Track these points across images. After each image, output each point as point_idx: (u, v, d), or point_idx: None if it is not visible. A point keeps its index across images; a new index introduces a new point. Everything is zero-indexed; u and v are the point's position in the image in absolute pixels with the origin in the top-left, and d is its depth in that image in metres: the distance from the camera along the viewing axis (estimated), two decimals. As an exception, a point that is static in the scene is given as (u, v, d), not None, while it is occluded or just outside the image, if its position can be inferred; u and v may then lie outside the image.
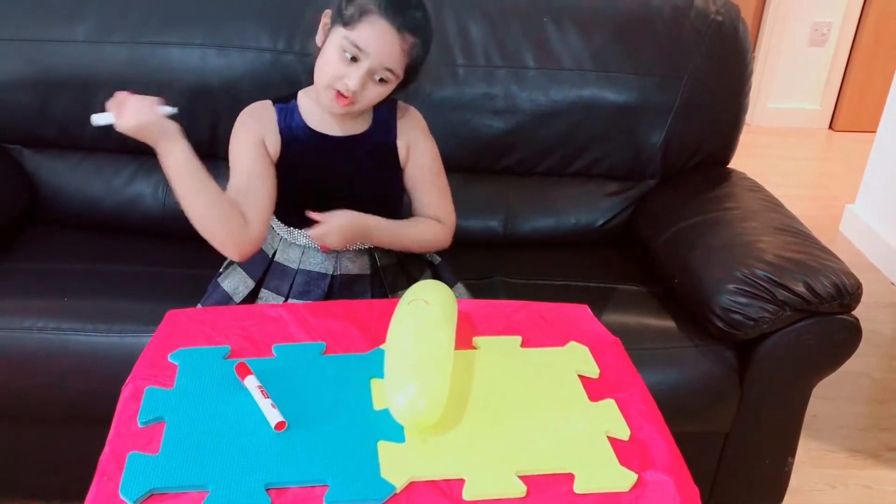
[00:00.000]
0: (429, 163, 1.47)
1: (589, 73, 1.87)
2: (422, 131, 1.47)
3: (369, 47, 1.25)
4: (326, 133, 1.40)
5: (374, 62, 1.26)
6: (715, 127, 1.96)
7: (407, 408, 1.01)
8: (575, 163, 1.94)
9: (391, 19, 1.25)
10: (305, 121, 1.40)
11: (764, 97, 4.13)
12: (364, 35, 1.25)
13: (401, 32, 1.26)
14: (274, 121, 1.39)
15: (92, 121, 1.23)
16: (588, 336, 1.26)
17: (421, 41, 1.29)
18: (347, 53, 1.26)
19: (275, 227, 1.47)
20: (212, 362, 1.14)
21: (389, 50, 1.26)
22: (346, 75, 1.27)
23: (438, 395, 1.04)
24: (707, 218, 1.74)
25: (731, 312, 1.51)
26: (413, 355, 1.08)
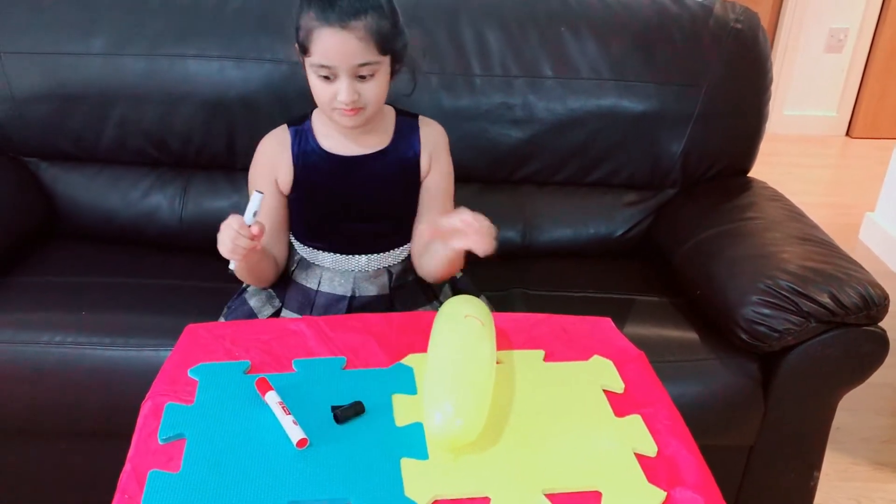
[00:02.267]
0: (447, 178, 1.46)
1: (607, 81, 1.85)
2: (444, 145, 1.45)
3: (332, 60, 1.23)
4: (342, 154, 1.38)
5: (347, 68, 1.24)
6: (735, 135, 1.93)
7: (443, 426, 0.98)
8: (593, 172, 1.92)
9: (331, 22, 1.21)
10: (320, 143, 1.38)
11: (780, 104, 4.10)
12: (320, 53, 1.23)
13: (347, 27, 1.21)
14: (288, 148, 1.38)
15: None
16: (612, 349, 1.24)
17: (373, 16, 1.22)
18: (322, 75, 1.25)
19: (294, 246, 1.46)
20: (232, 377, 1.13)
21: (350, 49, 1.22)
22: (335, 94, 1.26)
23: (477, 414, 1.02)
24: (729, 228, 1.72)
25: (755, 324, 1.49)
26: (455, 371, 1.05)
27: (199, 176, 1.89)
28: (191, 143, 1.84)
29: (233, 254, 1.23)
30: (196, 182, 1.89)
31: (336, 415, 1.05)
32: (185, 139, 1.84)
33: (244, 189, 1.88)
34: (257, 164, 1.42)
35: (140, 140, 1.84)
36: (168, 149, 1.85)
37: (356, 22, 1.21)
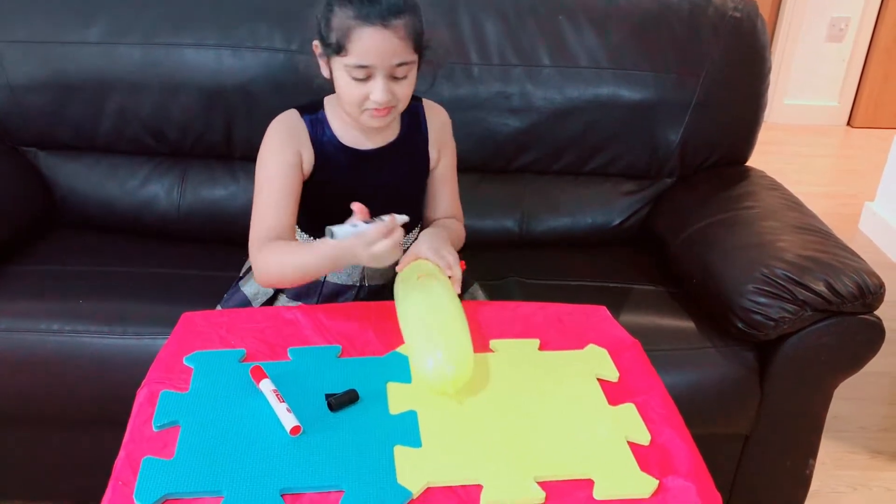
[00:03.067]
0: (452, 163, 1.47)
1: (605, 70, 1.85)
2: (449, 129, 1.45)
3: (370, 59, 1.20)
4: (357, 147, 1.36)
5: (385, 68, 1.21)
6: (733, 125, 1.93)
7: (437, 373, 1.06)
8: (591, 162, 1.92)
9: (373, 20, 1.17)
10: (336, 135, 1.35)
11: (781, 93, 4.09)
12: (359, 53, 1.19)
13: (388, 25, 1.18)
14: (307, 134, 1.34)
15: (330, 232, 1.18)
16: (607, 338, 1.25)
17: (411, 14, 1.20)
18: (358, 76, 1.22)
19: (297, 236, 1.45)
20: (227, 365, 1.14)
21: (390, 48, 1.20)
22: (368, 93, 1.22)
23: (465, 358, 1.09)
24: (726, 217, 1.71)
25: (751, 313, 1.49)
26: (432, 325, 1.13)
27: (197, 165, 1.89)
28: (188, 132, 1.84)
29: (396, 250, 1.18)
30: (194, 171, 1.89)
31: (330, 403, 1.05)
32: (183, 128, 1.84)
33: (242, 178, 1.88)
34: (278, 141, 1.33)
35: (138, 129, 1.84)
36: (166, 138, 1.85)
37: (397, 21, 1.18)
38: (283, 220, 1.30)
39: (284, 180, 1.31)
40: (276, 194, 1.31)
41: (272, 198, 1.31)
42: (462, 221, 1.49)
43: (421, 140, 1.41)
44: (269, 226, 1.29)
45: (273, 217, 1.29)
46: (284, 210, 1.30)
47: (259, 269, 1.29)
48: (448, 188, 1.47)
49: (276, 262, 1.26)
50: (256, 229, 1.30)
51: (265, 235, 1.28)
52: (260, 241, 1.28)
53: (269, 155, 1.33)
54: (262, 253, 1.28)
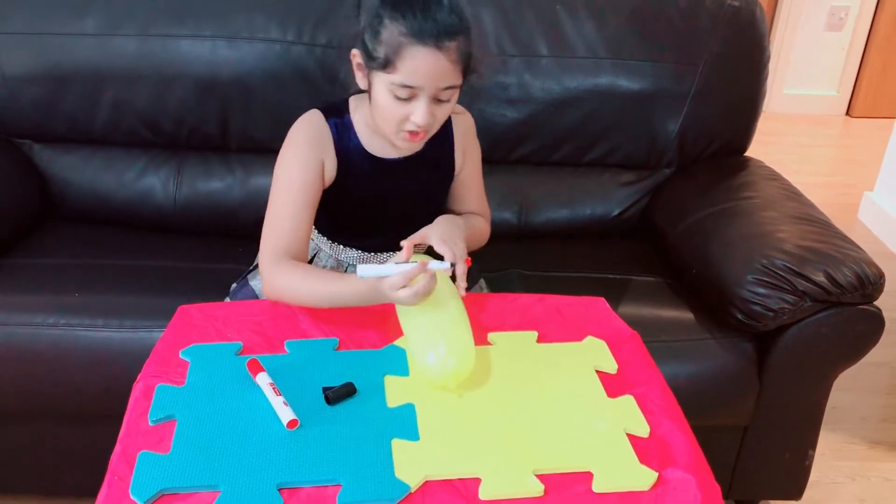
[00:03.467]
0: (478, 165, 1.44)
1: (603, 60, 1.84)
2: (474, 133, 1.42)
3: (418, 80, 1.14)
4: (383, 157, 1.31)
5: (431, 90, 1.15)
6: (732, 114, 1.92)
7: (438, 367, 1.06)
8: (590, 152, 1.91)
9: (427, 41, 1.11)
10: (362, 142, 1.30)
11: (779, 83, 4.07)
12: (408, 72, 1.13)
13: (442, 48, 1.12)
14: (331, 141, 1.28)
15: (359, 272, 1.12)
16: (606, 330, 1.24)
17: (463, 37, 1.15)
18: (402, 96, 1.16)
19: (312, 236, 1.41)
20: (223, 359, 1.13)
21: (441, 71, 1.14)
22: (409, 114, 1.17)
23: (467, 352, 1.08)
24: (725, 208, 1.71)
25: (750, 304, 1.48)
26: (433, 319, 1.12)
27: (193, 157, 1.88)
28: (184, 124, 1.83)
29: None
30: (190, 163, 1.87)
31: (327, 396, 1.05)
32: (179, 120, 1.82)
33: (238, 170, 1.87)
34: (301, 147, 1.27)
35: (133, 121, 1.82)
36: (161, 130, 1.84)
37: (451, 43, 1.13)
38: (300, 233, 1.26)
39: (305, 190, 1.26)
40: (295, 205, 1.26)
41: (291, 209, 1.26)
42: (489, 220, 1.46)
43: (447, 147, 1.36)
44: (286, 239, 1.24)
45: (290, 230, 1.25)
46: (302, 222, 1.26)
47: (271, 284, 1.24)
48: (474, 189, 1.44)
49: (295, 284, 1.21)
50: (272, 241, 1.25)
51: (283, 250, 1.24)
52: (276, 255, 1.23)
53: (293, 160, 1.27)
54: (279, 269, 1.23)
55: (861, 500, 1.84)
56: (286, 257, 1.23)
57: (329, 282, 1.22)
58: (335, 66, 1.82)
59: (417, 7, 1.12)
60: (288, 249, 1.24)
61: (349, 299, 1.19)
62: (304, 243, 1.28)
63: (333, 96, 1.78)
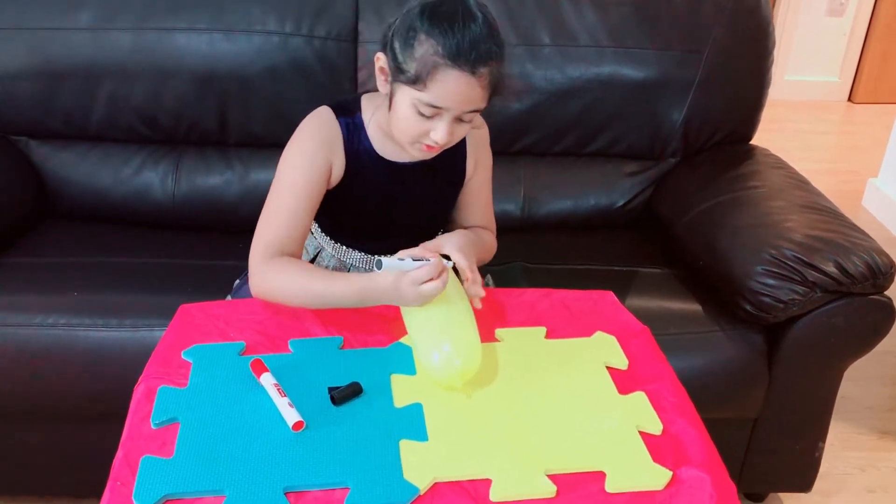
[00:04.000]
0: (488, 175, 1.40)
1: (606, 49, 1.81)
2: (487, 140, 1.38)
3: (447, 102, 1.11)
4: (393, 160, 1.27)
5: (457, 111, 1.13)
6: (737, 102, 1.90)
7: (443, 367, 1.03)
8: (593, 142, 1.89)
9: (462, 66, 1.07)
10: (373, 144, 1.26)
11: (781, 69, 4.04)
12: (438, 94, 1.09)
13: (476, 73, 1.08)
14: (341, 142, 1.24)
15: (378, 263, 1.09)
16: (615, 324, 1.22)
17: (498, 62, 1.11)
18: (427, 113, 1.13)
19: (315, 235, 1.39)
20: (226, 359, 1.11)
21: (472, 96, 1.11)
22: (430, 130, 1.14)
23: (473, 351, 1.06)
24: (731, 197, 1.68)
25: (759, 295, 1.46)
26: (437, 316, 1.10)
27: (191, 152, 1.85)
28: (182, 118, 1.81)
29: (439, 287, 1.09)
30: (188, 159, 1.85)
31: (333, 396, 1.03)
32: (176, 115, 1.80)
33: (237, 165, 1.85)
34: (309, 145, 1.23)
35: (130, 116, 1.80)
36: (159, 125, 1.81)
37: (484, 69, 1.09)
38: (297, 233, 1.22)
39: (308, 190, 1.22)
40: (295, 205, 1.22)
41: (291, 208, 1.21)
42: (495, 234, 1.42)
43: (459, 153, 1.32)
44: (280, 237, 1.20)
45: (286, 228, 1.21)
46: (300, 223, 1.22)
47: (259, 281, 1.19)
48: (482, 199, 1.39)
49: (286, 282, 1.17)
50: (267, 237, 1.20)
51: (276, 247, 1.19)
52: (268, 252, 1.19)
53: (299, 158, 1.23)
54: (270, 266, 1.18)
55: (871, 490, 1.83)
56: (279, 254, 1.20)
57: (324, 279, 1.18)
58: (335, 58, 1.80)
59: (458, 28, 1.07)
60: (282, 248, 1.20)
61: (345, 299, 1.15)
62: (299, 244, 1.24)
63: (332, 89, 1.80)
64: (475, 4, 1.11)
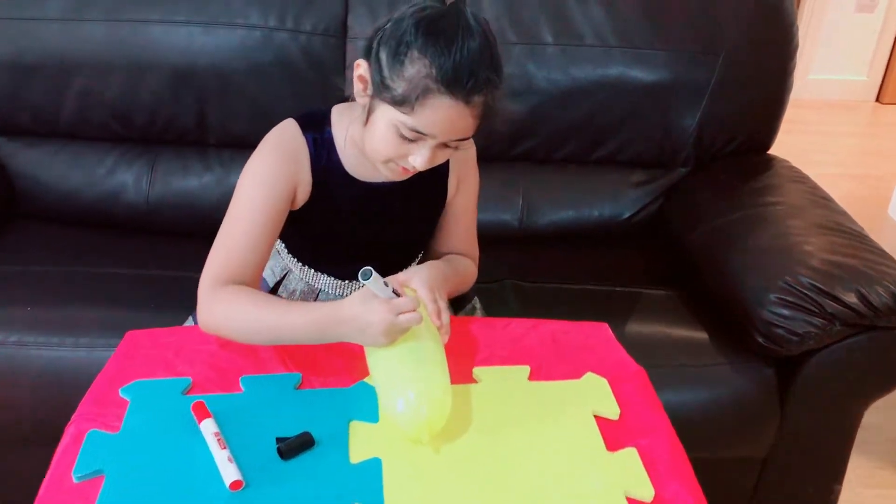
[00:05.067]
0: (473, 199, 1.27)
1: (614, 49, 1.69)
2: (473, 164, 1.25)
3: (434, 130, 0.99)
4: (366, 180, 1.14)
5: (443, 139, 1.01)
6: (755, 109, 1.77)
7: (408, 417, 0.92)
8: (598, 149, 1.77)
9: (456, 94, 0.96)
10: (343, 163, 1.13)
11: (805, 68, 3.87)
12: (425, 120, 0.98)
13: (470, 102, 0.97)
14: (307, 160, 1.11)
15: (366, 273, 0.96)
16: (608, 363, 1.09)
17: (493, 89, 0.99)
18: (409, 137, 1.01)
19: (282, 255, 1.27)
20: (168, 398, 0.99)
21: (462, 126, 1.00)
22: (409, 154, 1.03)
23: (443, 400, 0.94)
24: (745, 214, 1.56)
25: (772, 326, 1.34)
26: (405, 359, 0.98)
27: (168, 153, 1.75)
28: (157, 116, 1.71)
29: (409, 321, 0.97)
30: (164, 159, 1.75)
31: (280, 449, 0.91)
32: (152, 112, 1.70)
33: (216, 167, 1.74)
34: (271, 164, 1.10)
35: (103, 113, 1.70)
36: (133, 123, 1.71)
37: (479, 98, 0.98)
38: (252, 261, 1.09)
39: (268, 214, 1.09)
40: (252, 230, 1.08)
41: (247, 233, 1.08)
42: (476, 262, 1.29)
43: (441, 174, 1.19)
44: (233, 264, 1.07)
45: (240, 255, 1.08)
46: (257, 250, 1.09)
47: (206, 313, 1.06)
48: (463, 224, 1.26)
49: (233, 313, 1.04)
50: (217, 265, 1.08)
51: (227, 276, 1.06)
52: (218, 280, 1.06)
53: (259, 178, 1.10)
54: (217, 296, 1.05)
55: (890, 532, 1.70)
56: (230, 284, 1.07)
57: (277, 310, 1.04)
58: (322, 54, 1.68)
59: (456, 50, 0.95)
60: (234, 276, 1.07)
61: (301, 332, 1.02)
62: (255, 274, 1.11)
63: (319, 88, 1.68)
64: (476, 20, 0.98)
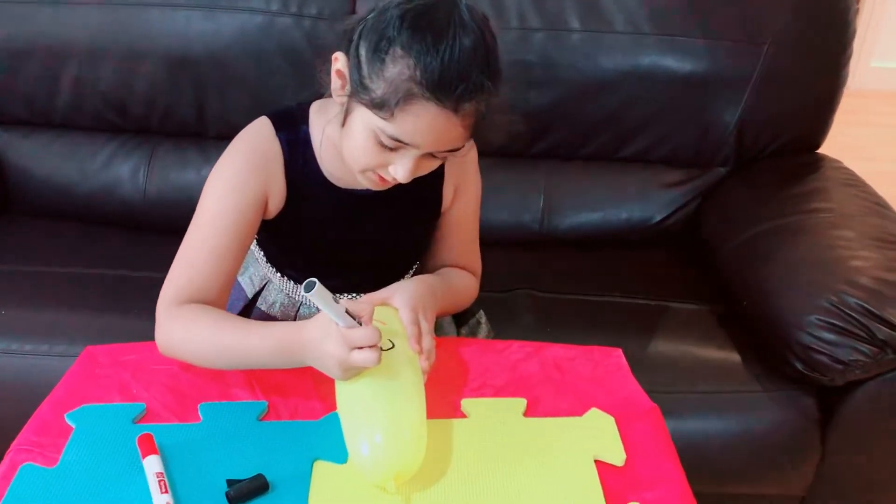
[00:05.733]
0: (473, 206, 1.14)
1: (647, 36, 1.56)
2: (473, 168, 1.12)
3: (416, 139, 0.87)
4: (349, 188, 1.02)
5: (427, 149, 0.89)
6: (803, 104, 1.62)
7: (373, 463, 0.81)
8: (627, 146, 1.64)
9: (444, 101, 0.84)
10: (322, 168, 1.01)
11: (866, 55, 3.64)
12: (406, 129, 0.86)
13: (460, 110, 0.85)
14: (280, 163, 1.00)
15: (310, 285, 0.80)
16: (617, 398, 0.96)
17: (488, 95, 0.87)
18: (389, 146, 0.89)
19: (260, 263, 1.15)
20: (116, 427, 0.89)
21: (448, 137, 0.88)
22: (386, 163, 0.91)
23: (415, 446, 0.83)
24: (788, 222, 1.42)
25: (813, 352, 1.21)
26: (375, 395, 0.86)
27: (166, 144, 1.67)
28: (154, 106, 1.62)
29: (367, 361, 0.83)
30: (162, 151, 1.66)
31: (229, 495, 0.80)
32: (149, 102, 1.61)
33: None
34: (238, 169, 0.99)
35: (98, 102, 1.62)
36: (129, 113, 1.63)
37: (470, 105, 0.86)
38: (217, 277, 0.97)
39: (234, 226, 0.98)
40: (216, 243, 0.97)
41: (211, 247, 0.97)
42: (478, 276, 1.17)
43: (435, 179, 1.06)
44: (195, 281, 0.96)
45: (203, 271, 0.97)
46: (222, 265, 0.98)
47: (163, 334, 0.95)
48: (463, 235, 1.14)
49: (190, 334, 0.94)
50: (177, 281, 0.97)
51: (187, 294, 0.96)
52: (177, 298, 0.96)
53: (225, 186, 0.99)
54: (176, 315, 0.95)
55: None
56: (190, 302, 0.96)
57: (237, 331, 0.93)
58: (327, 41, 1.56)
59: (446, 47, 0.83)
60: (195, 294, 0.96)
61: (261, 354, 0.91)
62: (221, 291, 0.99)
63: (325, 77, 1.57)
64: (472, 14, 0.86)
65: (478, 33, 0.85)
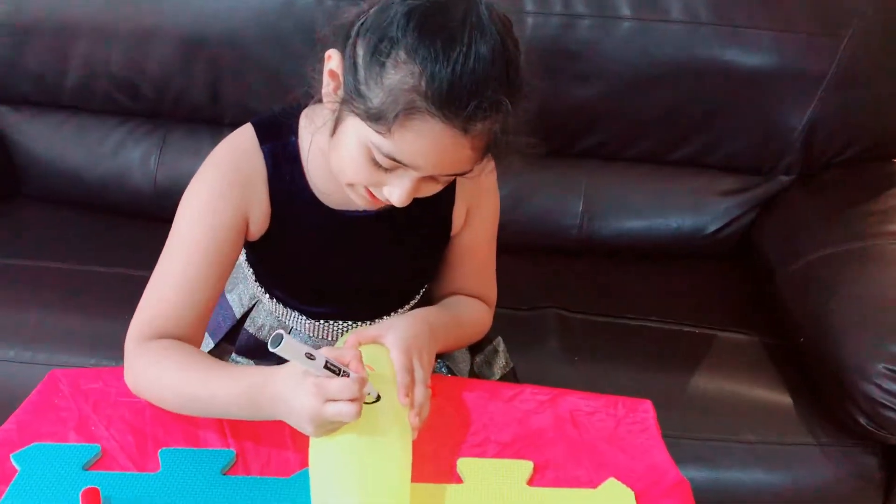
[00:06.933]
0: (489, 229, 1.01)
1: (706, 26, 1.44)
2: (490, 186, 0.99)
3: (417, 161, 0.76)
4: (342, 209, 0.91)
5: (428, 172, 0.79)
6: (883, 107, 1.49)
7: None
8: (680, 147, 1.54)
9: (452, 118, 0.73)
10: (311, 184, 0.90)
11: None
12: (405, 147, 0.75)
13: (469, 130, 0.74)
14: (264, 180, 0.89)
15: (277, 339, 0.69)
16: (640, 468, 0.83)
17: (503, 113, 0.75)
18: (382, 163, 0.78)
19: (249, 283, 1.05)
20: (63, 474, 0.79)
21: (454, 158, 0.77)
22: (381, 184, 0.80)
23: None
24: (860, 246, 1.30)
25: (878, 405, 1.11)
26: (352, 452, 0.75)
27: (179, 130, 1.60)
28: (167, 88, 1.55)
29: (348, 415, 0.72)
30: (174, 137, 1.60)
31: (171, 573, 0.69)
32: (161, 84, 1.54)
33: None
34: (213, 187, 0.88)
35: (108, 84, 1.55)
36: (140, 95, 1.56)
37: (482, 125, 0.74)
38: (190, 309, 0.87)
39: (210, 252, 0.88)
40: (189, 272, 0.87)
41: (184, 278, 0.87)
42: (492, 305, 1.05)
43: (444, 201, 0.95)
44: (165, 314, 0.87)
45: (175, 303, 0.87)
46: (196, 296, 0.87)
47: (129, 373, 0.86)
48: (477, 262, 1.02)
49: (155, 376, 0.84)
50: (146, 314, 0.88)
51: (156, 328, 0.86)
52: (145, 333, 0.86)
53: (200, 209, 0.89)
54: (142, 353, 0.85)
55: None
56: (160, 337, 0.86)
57: (203, 376, 0.82)
58: (349, 21, 1.46)
59: (458, 56, 0.71)
60: (164, 329, 0.86)
61: (230, 402, 0.80)
62: (195, 324, 0.88)
63: None
64: (491, 16, 0.73)
65: (497, 39, 0.72)
